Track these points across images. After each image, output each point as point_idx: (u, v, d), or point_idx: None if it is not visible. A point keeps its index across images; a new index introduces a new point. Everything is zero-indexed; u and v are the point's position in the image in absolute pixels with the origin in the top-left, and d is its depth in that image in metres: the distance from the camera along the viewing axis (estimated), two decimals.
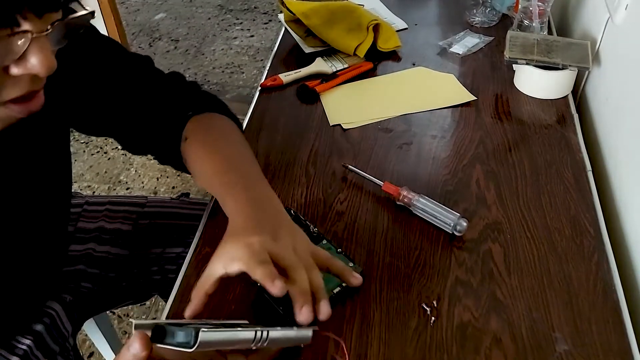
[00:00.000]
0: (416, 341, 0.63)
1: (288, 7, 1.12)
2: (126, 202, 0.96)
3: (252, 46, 2.72)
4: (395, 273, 0.70)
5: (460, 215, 0.74)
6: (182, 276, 0.71)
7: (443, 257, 0.72)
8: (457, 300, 0.67)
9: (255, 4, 3.10)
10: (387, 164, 0.87)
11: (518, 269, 0.70)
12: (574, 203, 0.79)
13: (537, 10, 1.03)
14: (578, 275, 0.69)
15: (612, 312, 0.65)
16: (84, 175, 2.04)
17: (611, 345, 0.62)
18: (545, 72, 0.97)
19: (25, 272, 0.73)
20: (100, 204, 0.93)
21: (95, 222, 0.91)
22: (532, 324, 0.64)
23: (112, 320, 1.55)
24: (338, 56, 1.10)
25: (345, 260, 0.70)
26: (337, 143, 0.91)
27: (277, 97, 1.02)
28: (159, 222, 0.93)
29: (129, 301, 0.97)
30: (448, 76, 1.06)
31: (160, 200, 0.98)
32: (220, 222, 0.78)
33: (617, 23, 0.91)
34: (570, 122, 0.94)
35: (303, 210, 0.79)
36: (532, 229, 0.76)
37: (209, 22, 2.94)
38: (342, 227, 0.77)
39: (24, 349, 0.76)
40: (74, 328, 0.85)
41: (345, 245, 0.74)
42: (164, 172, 2.05)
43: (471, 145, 0.90)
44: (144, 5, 3.10)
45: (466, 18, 1.22)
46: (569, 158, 0.87)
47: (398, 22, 1.22)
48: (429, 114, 0.97)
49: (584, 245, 0.73)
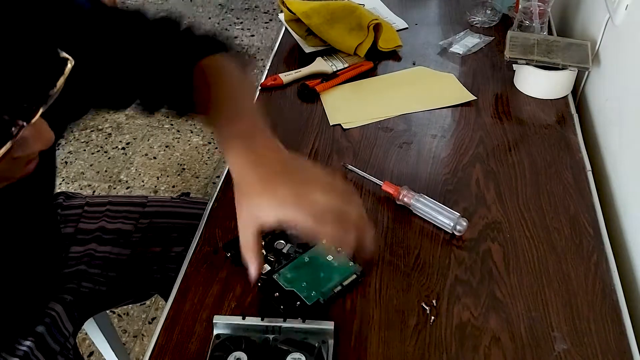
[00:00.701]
0: (415, 340, 0.63)
1: (288, 7, 1.12)
2: (127, 202, 0.96)
3: (253, 45, 2.73)
4: (395, 272, 0.70)
5: (460, 215, 0.74)
6: (182, 275, 0.71)
7: (442, 256, 0.72)
8: (457, 299, 0.67)
9: (256, 4, 3.10)
10: (387, 164, 0.87)
11: (517, 268, 0.71)
12: (573, 203, 0.79)
13: (537, 10, 1.03)
14: (577, 275, 0.70)
15: (611, 312, 0.65)
16: (84, 174, 2.05)
17: (610, 345, 0.62)
18: (545, 72, 0.97)
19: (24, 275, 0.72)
20: (101, 205, 0.94)
21: (96, 222, 0.91)
22: (531, 323, 0.64)
23: (112, 319, 1.56)
24: (338, 56, 1.10)
25: (345, 260, 0.70)
26: (337, 142, 0.91)
27: (277, 97, 1.02)
28: (159, 222, 0.94)
29: (129, 300, 0.97)
30: (448, 76, 1.06)
31: (160, 200, 0.98)
32: (220, 222, 0.78)
33: (617, 23, 0.91)
34: (570, 122, 0.94)
35: None
36: (532, 228, 0.76)
37: (210, 22, 2.94)
38: None
39: (24, 350, 0.76)
40: (74, 328, 0.85)
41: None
42: (164, 171, 2.05)
43: (471, 144, 0.90)
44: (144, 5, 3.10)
45: (466, 18, 1.22)
46: (568, 158, 0.87)
47: (398, 22, 1.22)
48: (429, 113, 0.97)
49: (583, 244, 0.73)
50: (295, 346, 0.60)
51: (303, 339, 0.60)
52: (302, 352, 0.59)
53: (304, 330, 0.61)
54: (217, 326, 0.62)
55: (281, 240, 0.72)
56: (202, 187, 1.99)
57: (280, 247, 0.71)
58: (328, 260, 0.70)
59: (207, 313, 0.66)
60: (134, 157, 2.12)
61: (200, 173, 2.05)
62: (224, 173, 0.86)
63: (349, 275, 0.69)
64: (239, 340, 0.61)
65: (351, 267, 0.69)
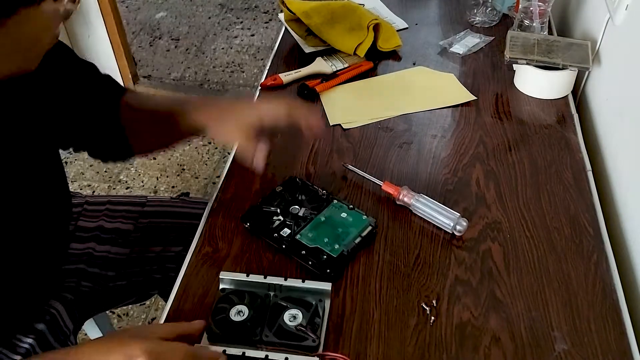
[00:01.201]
0: (415, 340, 0.63)
1: (288, 7, 1.12)
2: (126, 201, 0.96)
3: (253, 45, 2.72)
4: (395, 272, 0.70)
5: (460, 215, 0.74)
6: (182, 275, 0.71)
7: (443, 256, 0.72)
8: (457, 299, 0.67)
9: (256, 3, 3.10)
10: (387, 164, 0.87)
11: (517, 268, 0.71)
12: (573, 203, 0.79)
13: (537, 10, 1.03)
14: (577, 275, 0.70)
15: (611, 312, 0.65)
16: (84, 174, 2.04)
17: (610, 345, 0.62)
18: (546, 72, 0.97)
19: (27, 270, 0.73)
20: (100, 204, 0.94)
21: (95, 221, 0.91)
22: (531, 323, 0.64)
23: (112, 320, 1.56)
24: (338, 56, 1.10)
25: (359, 215, 0.75)
26: (337, 142, 0.91)
27: (277, 97, 1.02)
28: (159, 221, 0.94)
29: (130, 300, 0.97)
30: (448, 76, 1.06)
31: (160, 200, 0.98)
32: (220, 222, 0.78)
33: (617, 23, 0.91)
34: (570, 122, 0.94)
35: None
36: (532, 228, 0.76)
37: (210, 21, 2.94)
38: None
39: (26, 347, 0.76)
40: (75, 326, 0.85)
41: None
42: (163, 171, 2.05)
43: (471, 144, 0.90)
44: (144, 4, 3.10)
45: (467, 18, 1.22)
46: (568, 158, 0.87)
47: (398, 22, 1.22)
48: (429, 113, 0.97)
49: (583, 244, 0.73)
50: (294, 303, 0.64)
51: (302, 297, 0.64)
52: (299, 308, 0.63)
53: (304, 290, 0.65)
54: (222, 281, 0.66)
55: (295, 206, 0.77)
56: (202, 187, 1.99)
57: (296, 212, 0.76)
58: (342, 217, 0.75)
59: (206, 313, 0.66)
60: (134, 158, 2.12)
61: (200, 173, 2.04)
62: (223, 173, 0.86)
63: (365, 227, 0.74)
64: (242, 294, 0.65)
65: (365, 220, 0.74)
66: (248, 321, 0.62)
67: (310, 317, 0.62)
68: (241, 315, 0.63)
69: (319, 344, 0.61)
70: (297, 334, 0.61)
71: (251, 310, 0.63)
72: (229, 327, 0.62)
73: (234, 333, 0.61)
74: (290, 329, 0.61)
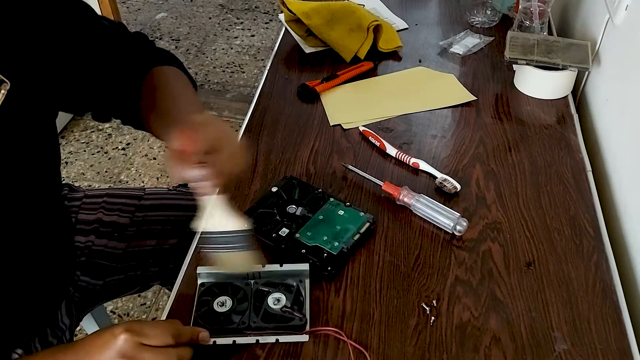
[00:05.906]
0: (416, 340, 0.63)
1: (288, 7, 1.12)
2: (124, 194, 0.96)
3: (253, 46, 2.72)
4: (395, 272, 0.71)
5: (460, 215, 0.74)
6: (182, 275, 0.71)
7: (443, 256, 0.72)
8: (457, 300, 0.67)
9: (256, 4, 3.10)
10: (387, 164, 0.87)
11: (517, 268, 0.71)
12: (573, 203, 0.79)
13: (537, 10, 1.03)
14: (577, 275, 0.70)
15: (611, 312, 0.65)
16: (85, 174, 2.05)
17: (610, 345, 0.62)
18: (545, 73, 0.97)
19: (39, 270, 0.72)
20: (98, 196, 0.94)
21: (94, 214, 0.91)
22: (531, 323, 0.64)
23: (112, 320, 1.56)
24: None
25: (357, 212, 0.76)
26: (337, 143, 0.91)
27: (277, 97, 1.02)
28: (154, 215, 0.94)
29: (127, 293, 0.97)
30: (448, 76, 1.06)
31: (157, 192, 0.98)
32: None
33: (617, 23, 0.91)
34: (570, 122, 0.94)
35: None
36: (532, 228, 0.76)
37: (210, 22, 2.94)
38: None
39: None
40: (71, 322, 0.85)
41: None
42: (164, 172, 2.05)
43: (471, 145, 0.90)
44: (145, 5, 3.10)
45: (467, 18, 1.22)
46: (568, 158, 0.87)
47: (398, 22, 1.22)
48: (429, 113, 0.97)
49: (583, 245, 0.73)
50: (275, 287, 0.66)
51: (282, 281, 0.67)
52: (281, 292, 0.66)
53: (282, 273, 0.67)
54: (200, 276, 0.68)
55: (292, 205, 0.77)
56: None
57: (292, 211, 0.76)
58: (340, 214, 0.76)
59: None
60: (134, 158, 2.12)
61: None
62: None
63: (363, 223, 0.74)
64: (224, 286, 0.67)
65: (363, 217, 0.75)
66: (232, 311, 0.64)
67: (293, 298, 0.65)
68: (224, 306, 0.64)
69: (306, 322, 0.63)
70: (284, 316, 0.63)
71: (234, 300, 0.65)
72: (214, 318, 0.63)
73: (220, 323, 0.63)
74: (276, 312, 0.63)
